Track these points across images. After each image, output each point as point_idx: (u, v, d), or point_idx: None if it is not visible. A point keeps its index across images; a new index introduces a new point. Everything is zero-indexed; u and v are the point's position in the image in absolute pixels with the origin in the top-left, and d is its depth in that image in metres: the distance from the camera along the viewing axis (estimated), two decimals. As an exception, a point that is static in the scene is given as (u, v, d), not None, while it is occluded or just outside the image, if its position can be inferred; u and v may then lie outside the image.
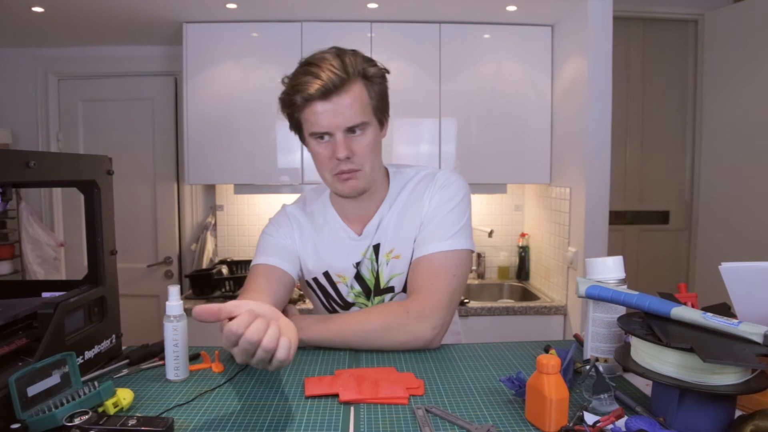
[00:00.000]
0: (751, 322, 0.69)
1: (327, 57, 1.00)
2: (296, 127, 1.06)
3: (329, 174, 1.04)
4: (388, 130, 1.12)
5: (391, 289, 1.14)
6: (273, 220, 1.19)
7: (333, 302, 1.17)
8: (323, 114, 0.98)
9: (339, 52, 1.01)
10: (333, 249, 1.14)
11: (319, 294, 1.17)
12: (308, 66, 1.00)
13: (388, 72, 1.06)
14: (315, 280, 1.16)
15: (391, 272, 1.12)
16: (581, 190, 2.23)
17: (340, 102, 0.98)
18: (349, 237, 1.14)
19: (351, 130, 1.00)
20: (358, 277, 1.14)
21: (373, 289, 1.14)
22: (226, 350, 1.01)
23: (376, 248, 1.13)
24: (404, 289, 1.13)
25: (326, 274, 1.15)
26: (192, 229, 2.91)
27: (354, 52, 1.02)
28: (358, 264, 1.14)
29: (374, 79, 1.02)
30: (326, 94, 0.97)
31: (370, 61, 1.03)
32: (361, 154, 1.02)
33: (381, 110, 1.06)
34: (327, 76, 0.96)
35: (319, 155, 1.03)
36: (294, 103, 1.00)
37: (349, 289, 1.15)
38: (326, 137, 1.01)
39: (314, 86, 0.96)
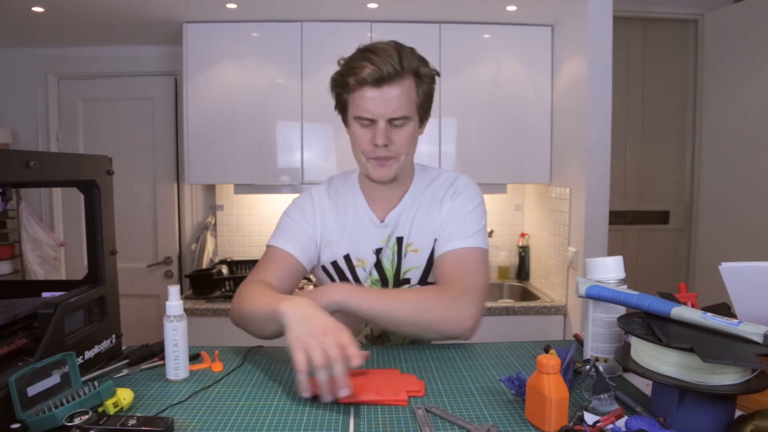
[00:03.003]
0: (751, 322, 0.69)
1: (386, 48, 1.03)
2: (341, 107, 1.11)
3: (364, 157, 1.09)
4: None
5: (407, 281, 1.17)
6: (297, 203, 1.21)
7: None
8: (372, 100, 1.02)
9: (398, 46, 1.05)
10: (355, 233, 1.16)
11: (336, 278, 1.18)
12: (366, 52, 1.04)
13: (438, 75, 1.12)
14: (334, 263, 1.17)
15: (408, 265, 1.16)
16: (581, 190, 2.23)
17: (389, 92, 1.02)
18: (372, 222, 1.16)
19: (394, 120, 1.04)
20: (378, 265, 1.16)
21: (392, 281, 1.17)
22: (226, 350, 1.03)
23: (400, 240, 1.16)
24: (420, 282, 1.17)
25: (347, 258, 1.17)
26: (192, 229, 2.91)
27: (411, 50, 1.07)
28: (378, 251, 1.16)
29: (425, 78, 1.08)
30: (378, 81, 1.01)
31: (424, 61, 1.08)
32: (399, 144, 1.07)
33: (424, 108, 1.11)
34: (382, 63, 1.00)
35: (358, 138, 1.08)
36: (346, 84, 1.04)
37: (368, 275, 1.17)
38: (369, 123, 1.05)
39: (368, 70, 1.01)
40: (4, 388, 0.68)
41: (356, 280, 1.17)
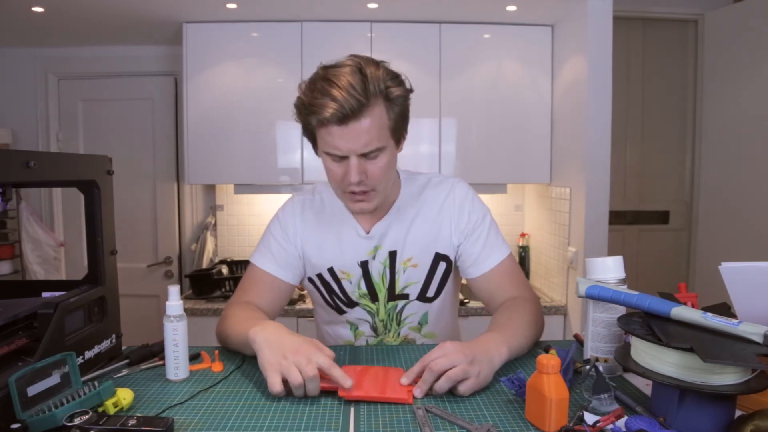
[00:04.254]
0: (751, 322, 0.69)
1: (346, 74, 0.92)
2: (310, 137, 1.04)
3: (341, 191, 1.04)
4: None
5: (405, 296, 1.14)
6: (280, 216, 1.17)
7: (337, 299, 1.16)
8: (339, 138, 0.94)
9: (361, 66, 0.94)
10: (339, 245, 1.13)
11: (323, 290, 1.16)
12: (325, 82, 0.93)
13: (412, 91, 1.01)
14: (319, 276, 1.15)
15: (408, 280, 1.13)
16: (581, 190, 2.23)
17: (356, 127, 0.93)
18: (357, 234, 1.13)
19: (366, 154, 0.97)
20: (366, 278, 1.13)
21: (386, 294, 1.14)
22: (225, 350, 1.03)
23: (392, 255, 1.12)
24: (418, 297, 1.14)
25: (331, 270, 1.14)
26: (192, 229, 2.91)
27: (377, 66, 0.96)
28: (364, 264, 1.13)
29: (396, 100, 0.97)
30: (342, 119, 0.92)
31: (395, 79, 0.98)
32: (375, 176, 0.99)
33: (399, 130, 1.02)
34: (344, 98, 0.90)
35: (331, 172, 1.01)
36: (309, 123, 0.97)
37: (355, 288, 1.14)
38: (340, 158, 0.98)
39: (330, 110, 0.91)
40: (4, 388, 0.68)
41: (343, 293, 1.14)
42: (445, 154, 2.55)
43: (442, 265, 1.14)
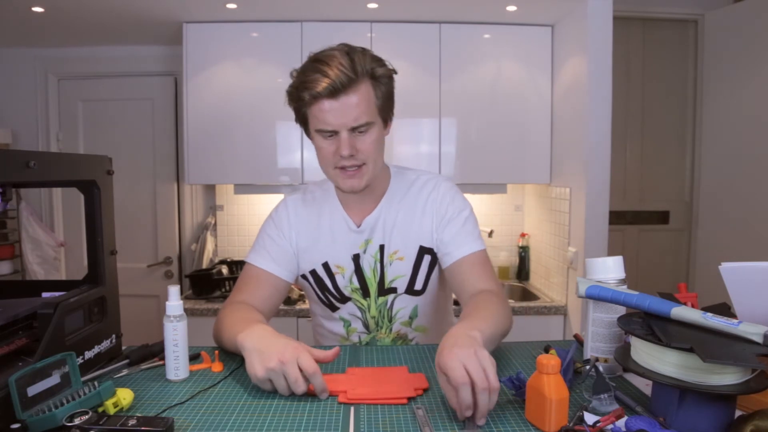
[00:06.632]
0: (751, 322, 0.69)
1: (336, 54, 1.00)
2: (302, 120, 1.08)
3: (332, 169, 1.06)
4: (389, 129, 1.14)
5: (393, 290, 1.15)
6: (273, 216, 1.20)
7: (329, 294, 1.17)
8: (330, 112, 1.00)
9: (348, 50, 1.02)
10: (332, 240, 1.15)
11: (315, 287, 1.18)
12: (317, 63, 1.01)
13: (395, 72, 1.08)
14: (313, 272, 1.17)
15: (395, 273, 1.15)
16: (581, 190, 2.23)
17: (347, 101, 0.99)
18: (349, 228, 1.15)
19: (356, 129, 1.02)
20: (359, 273, 1.15)
21: (376, 289, 1.15)
22: (225, 351, 1.03)
23: (382, 248, 1.14)
24: (406, 290, 1.15)
25: (325, 265, 1.16)
26: (192, 229, 2.91)
27: (363, 51, 1.03)
28: (357, 258, 1.14)
29: (382, 79, 1.04)
30: (334, 92, 0.98)
31: (379, 61, 1.05)
32: (365, 151, 1.04)
33: (386, 110, 1.08)
34: (335, 74, 0.97)
35: (323, 150, 1.05)
36: (301, 99, 1.02)
37: (348, 283, 1.16)
38: (331, 134, 1.03)
39: (322, 84, 0.97)
40: (4, 388, 0.68)
41: (336, 288, 1.16)
42: (445, 154, 2.55)
43: (427, 258, 1.16)
